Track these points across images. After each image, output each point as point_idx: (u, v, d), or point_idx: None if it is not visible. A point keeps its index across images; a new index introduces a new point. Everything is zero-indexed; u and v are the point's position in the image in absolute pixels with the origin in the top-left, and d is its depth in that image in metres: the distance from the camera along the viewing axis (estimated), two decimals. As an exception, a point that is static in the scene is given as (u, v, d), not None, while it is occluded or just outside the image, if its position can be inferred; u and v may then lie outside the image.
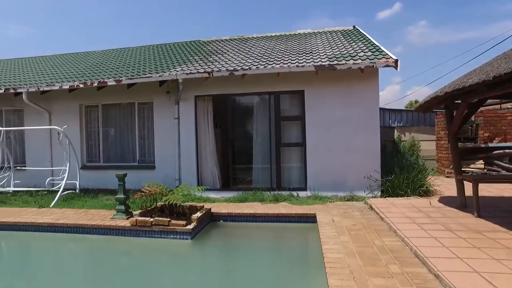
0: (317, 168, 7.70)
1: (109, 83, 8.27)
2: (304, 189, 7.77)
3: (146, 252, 5.30)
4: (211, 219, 6.31)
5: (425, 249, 3.74)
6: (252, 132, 8.55)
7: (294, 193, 7.63)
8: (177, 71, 8.05)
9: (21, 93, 8.97)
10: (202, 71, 7.80)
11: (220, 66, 8.06)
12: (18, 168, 9.16)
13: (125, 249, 5.49)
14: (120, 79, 8.22)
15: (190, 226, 5.39)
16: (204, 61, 8.91)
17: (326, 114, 7.68)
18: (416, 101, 29.65)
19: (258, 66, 7.64)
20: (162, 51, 11.40)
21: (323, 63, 7.27)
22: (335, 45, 9.03)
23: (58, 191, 7.87)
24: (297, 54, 8.42)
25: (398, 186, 7.05)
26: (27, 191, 8.74)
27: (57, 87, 8.66)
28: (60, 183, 8.03)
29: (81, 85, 8.47)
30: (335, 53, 7.97)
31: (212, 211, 6.38)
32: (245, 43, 10.93)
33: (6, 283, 4.41)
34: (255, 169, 8.44)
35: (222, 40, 12.05)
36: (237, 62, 8.28)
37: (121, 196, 6.09)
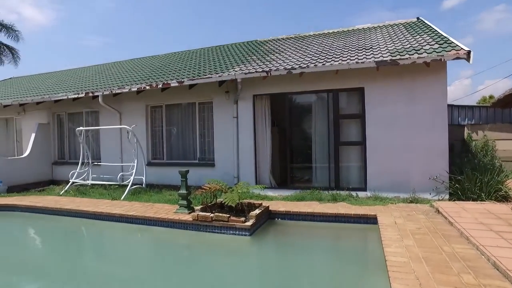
0: (378, 167, 7.39)
1: (172, 84, 8.75)
2: (364, 189, 7.50)
3: (206, 245, 5.53)
4: (269, 217, 6.38)
5: (508, 261, 3.38)
6: (310, 131, 8.47)
7: (353, 193, 7.41)
8: (236, 71, 8.26)
9: (97, 96, 9.88)
10: (260, 70, 7.90)
11: (278, 65, 8.10)
12: (94, 163, 10.10)
13: (187, 242, 5.77)
14: (182, 80, 8.65)
15: (249, 223, 5.51)
16: (261, 60, 9.02)
17: (387, 111, 7.33)
18: (491, 96, 26.86)
19: (316, 63, 7.54)
20: (221, 52, 11.76)
21: (384, 58, 6.94)
22: (397, 38, 8.57)
23: (128, 185, 8.54)
24: (356, 50, 8.15)
25: (470, 189, 6.49)
26: (101, 184, 9.62)
27: (127, 90, 9.39)
28: (129, 178, 8.70)
29: (147, 87, 9.09)
30: (397, 47, 7.57)
31: (270, 209, 6.45)
32: (301, 41, 10.84)
33: (85, 263, 5.00)
34: (313, 168, 8.34)
35: (278, 39, 12.08)
36: (295, 60, 8.26)
37: (183, 191, 6.42)
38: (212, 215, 5.69)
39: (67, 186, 9.39)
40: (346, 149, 7.89)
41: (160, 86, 8.88)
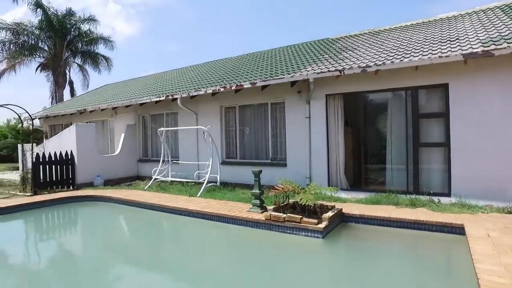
0: (465, 171, 6.71)
1: (245, 86, 9.01)
2: (447, 194, 6.89)
3: (278, 245, 5.59)
4: (342, 220, 6.23)
5: None
6: (386, 131, 8.04)
7: (435, 198, 6.85)
8: (308, 71, 8.19)
9: (176, 98, 10.64)
10: (333, 69, 7.72)
11: (351, 63, 7.83)
12: (174, 161, 10.90)
13: (259, 241, 5.89)
14: (255, 81, 8.85)
15: (322, 225, 5.44)
16: (334, 59, 8.81)
17: (477, 109, 6.61)
18: None
19: (393, 60, 7.12)
20: (293, 52, 11.76)
21: (474, 50, 6.25)
22: (491, 25, 7.66)
23: (203, 183, 9.03)
24: (439, 43, 7.50)
25: None
26: (180, 181, 10.33)
27: (203, 92, 9.93)
28: (205, 176, 9.20)
29: (222, 89, 9.50)
30: (491, 36, 6.76)
31: (343, 211, 6.29)
32: (376, 37, 10.31)
33: (163, 251, 5.47)
34: (389, 170, 7.91)
35: (351, 36, 11.66)
36: (369, 57, 7.90)
37: (256, 191, 6.58)
38: (284, 215, 5.75)
39: (150, 182, 10.27)
40: (426, 150, 7.33)
41: (234, 87, 9.21)
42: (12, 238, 6.91)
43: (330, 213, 5.79)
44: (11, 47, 22.22)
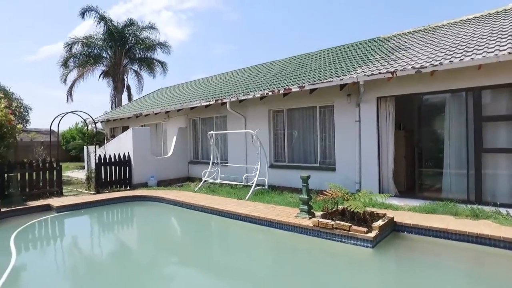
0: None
1: (293, 90, 8.97)
2: (517, 205, 6.28)
3: (325, 253, 5.49)
4: (393, 229, 5.95)
5: None
6: (443, 134, 7.54)
7: (502, 210, 6.26)
8: (358, 73, 7.94)
9: (225, 102, 10.89)
10: (385, 71, 7.41)
11: (404, 64, 7.46)
12: (223, 164, 11.16)
13: (306, 247, 5.82)
14: (303, 85, 8.77)
15: (372, 234, 5.25)
16: (386, 59, 8.45)
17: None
18: None
19: (451, 59, 6.66)
20: (341, 53, 11.49)
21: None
22: None
23: (252, 186, 9.14)
24: (508, 37, 6.85)
25: None
26: (228, 184, 10.55)
27: (251, 96, 10.06)
28: (253, 179, 9.30)
29: (270, 93, 9.54)
30: None
31: (395, 220, 6.00)
32: (433, 34, 9.70)
33: (211, 252, 5.64)
34: (446, 176, 7.40)
35: (404, 34, 11.10)
36: (425, 57, 7.46)
37: (304, 196, 6.52)
38: (333, 222, 5.63)
39: (200, 184, 10.62)
40: (491, 155, 6.74)
41: (282, 91, 9.21)
42: (79, 232, 7.75)
43: (380, 222, 5.56)
44: (81, 58, 24.58)
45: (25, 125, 24.80)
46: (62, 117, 11.64)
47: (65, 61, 24.63)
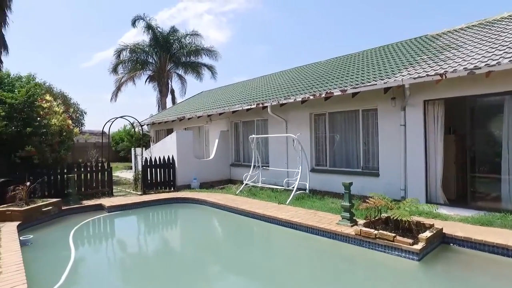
0: None
1: (335, 93, 8.79)
2: None
3: (367, 263, 5.33)
4: (442, 241, 5.63)
5: None
6: (500, 137, 6.98)
7: None
8: (403, 76, 7.61)
9: (266, 106, 10.94)
10: (433, 73, 7.02)
11: (456, 64, 7.01)
12: (264, 167, 11.23)
13: (347, 256, 5.69)
14: (345, 88, 8.57)
15: (418, 246, 5.01)
16: (434, 60, 8.01)
17: None
18: None
19: (511, 58, 6.15)
20: (385, 54, 11.08)
21: None
22: None
23: (292, 190, 9.10)
24: None
25: None
26: (269, 187, 10.59)
27: (292, 100, 10.01)
28: (294, 183, 9.26)
29: (311, 97, 9.43)
30: None
31: (443, 231, 5.67)
32: (488, 29, 9.01)
33: (250, 256, 5.74)
34: (505, 182, 6.81)
35: (456, 31, 10.44)
36: (479, 56, 6.95)
37: (346, 203, 6.38)
38: (376, 232, 5.45)
39: (241, 187, 10.76)
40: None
41: (323, 95, 9.07)
42: (128, 231, 8.38)
43: (428, 233, 5.29)
44: (129, 64, 26.07)
45: (80, 128, 26.76)
46: (113, 122, 12.39)
47: (115, 67, 26.32)
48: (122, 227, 8.75)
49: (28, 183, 8.20)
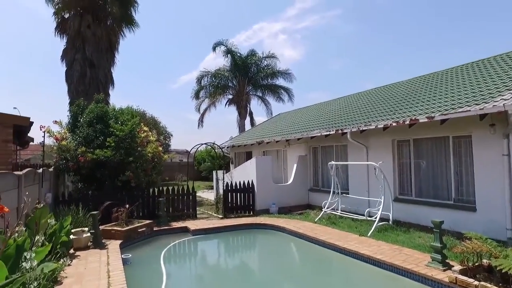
0: None
1: (420, 120, 8.19)
2: None
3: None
4: None
5: None
6: None
7: None
8: (505, 100, 6.74)
9: (346, 132, 10.68)
10: (543, 97, 6.14)
11: None
12: (343, 194, 10.89)
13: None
14: (432, 115, 7.92)
15: (531, 305, 4.32)
16: (543, 80, 7.00)
17: None
18: None
19: None
20: (480, 71, 10.04)
21: None
22: None
23: (374, 221, 8.63)
24: None
25: None
26: (349, 216, 10.19)
27: (373, 127, 9.59)
28: (376, 213, 8.78)
29: (394, 124, 8.91)
30: None
31: None
32: None
33: None
34: None
35: None
36: None
37: (437, 244, 5.84)
38: (476, 283, 4.84)
39: (320, 215, 10.54)
40: None
41: (407, 122, 8.52)
42: (211, 255, 9.16)
43: (545, 289, 4.53)
44: (210, 89, 27.86)
45: (167, 149, 29.24)
46: (198, 148, 13.34)
47: (197, 93, 28.36)
48: (205, 250, 9.36)
49: (127, 206, 9.30)
